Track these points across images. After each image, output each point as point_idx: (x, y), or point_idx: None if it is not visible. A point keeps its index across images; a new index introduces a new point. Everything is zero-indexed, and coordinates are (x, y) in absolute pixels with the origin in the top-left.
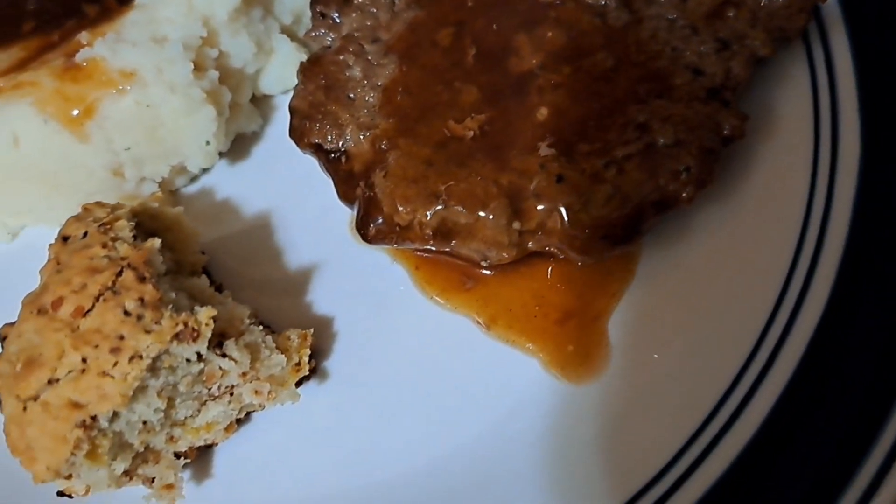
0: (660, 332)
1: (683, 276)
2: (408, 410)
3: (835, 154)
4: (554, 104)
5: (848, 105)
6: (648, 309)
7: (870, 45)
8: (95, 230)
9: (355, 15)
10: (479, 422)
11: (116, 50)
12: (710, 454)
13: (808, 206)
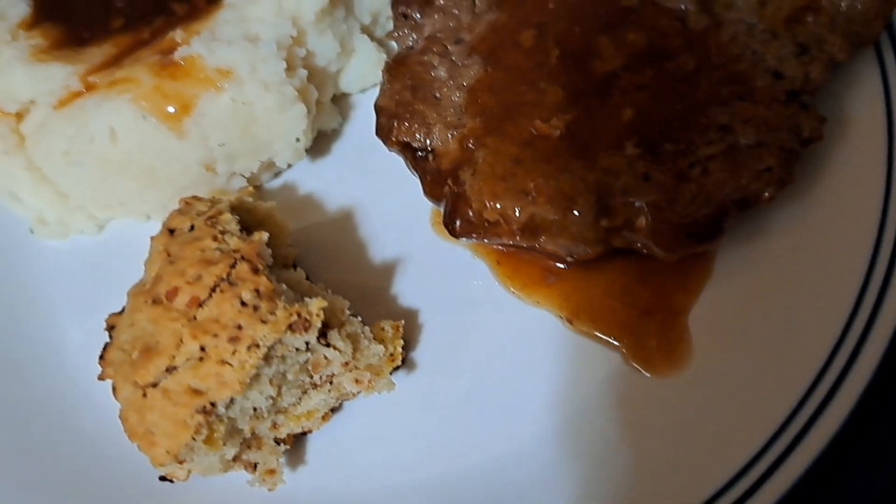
0: (740, 329)
1: (761, 273)
2: (492, 402)
3: None
4: (638, 105)
5: None
6: (728, 305)
7: None
8: (202, 223)
9: (437, 16)
10: (561, 414)
11: (213, 48)
12: (792, 451)
13: (885, 205)
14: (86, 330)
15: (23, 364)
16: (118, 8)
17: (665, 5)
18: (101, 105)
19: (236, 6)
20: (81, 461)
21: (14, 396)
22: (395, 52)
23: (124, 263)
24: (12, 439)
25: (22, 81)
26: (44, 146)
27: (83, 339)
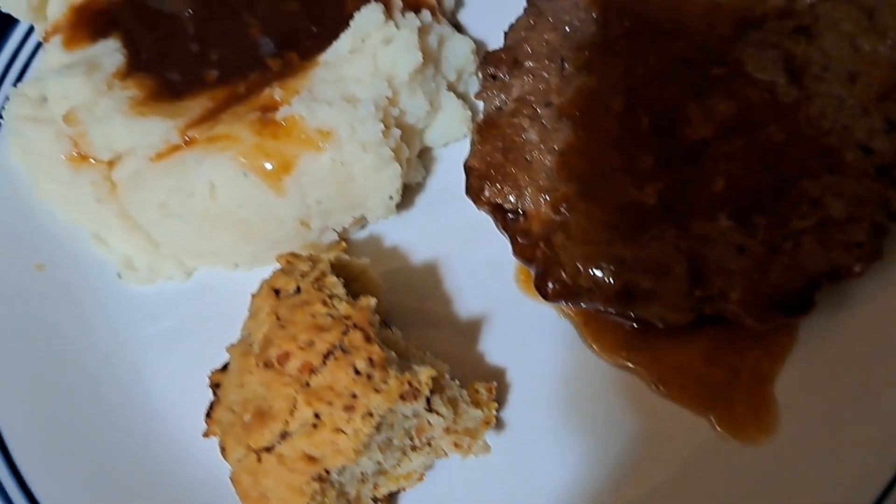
0: (827, 397)
1: (845, 342)
2: (578, 465)
3: None
4: (729, 174)
5: None
6: (813, 373)
7: None
8: (309, 286)
9: (526, 78)
10: (649, 479)
11: (313, 109)
12: None
13: None
14: (177, 379)
15: (112, 410)
16: (212, 61)
17: (755, 76)
18: (202, 160)
19: (332, 65)
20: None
21: (103, 441)
22: (484, 112)
23: (213, 312)
24: (101, 483)
25: (121, 133)
26: (139, 196)
27: (173, 388)
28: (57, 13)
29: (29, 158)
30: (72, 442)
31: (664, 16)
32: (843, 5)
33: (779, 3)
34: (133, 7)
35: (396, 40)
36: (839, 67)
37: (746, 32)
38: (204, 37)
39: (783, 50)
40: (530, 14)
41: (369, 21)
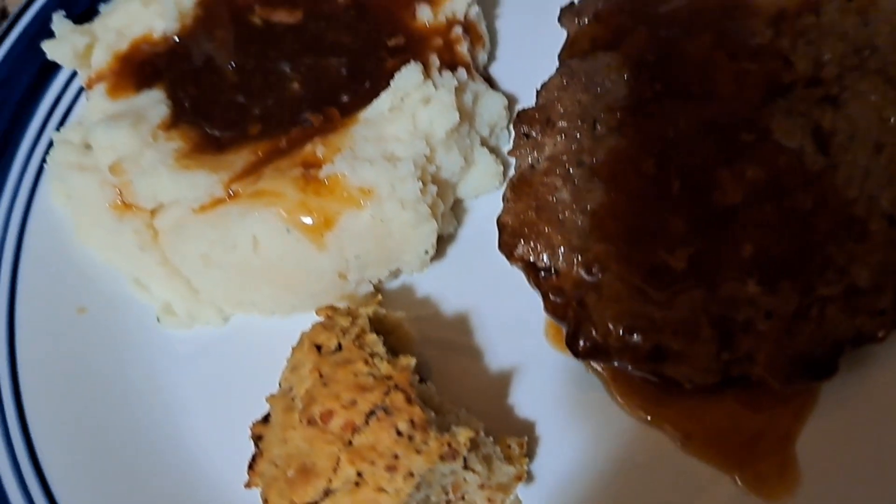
0: (847, 457)
1: (867, 403)
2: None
3: None
4: (758, 240)
5: None
6: (834, 432)
7: None
8: (350, 343)
9: (558, 137)
10: None
11: (355, 167)
12: None
13: None
14: (215, 425)
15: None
16: (255, 115)
17: (783, 143)
18: (246, 214)
19: (372, 122)
20: None
21: (142, 485)
22: (517, 170)
23: (249, 357)
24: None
25: (167, 185)
26: (181, 246)
27: (212, 433)
28: (101, 61)
29: (72, 203)
30: (112, 485)
31: (694, 79)
32: (871, 77)
33: (806, 71)
34: (177, 58)
35: (435, 100)
36: (865, 138)
37: (775, 99)
38: (247, 90)
39: (811, 118)
40: (563, 74)
41: (409, 81)
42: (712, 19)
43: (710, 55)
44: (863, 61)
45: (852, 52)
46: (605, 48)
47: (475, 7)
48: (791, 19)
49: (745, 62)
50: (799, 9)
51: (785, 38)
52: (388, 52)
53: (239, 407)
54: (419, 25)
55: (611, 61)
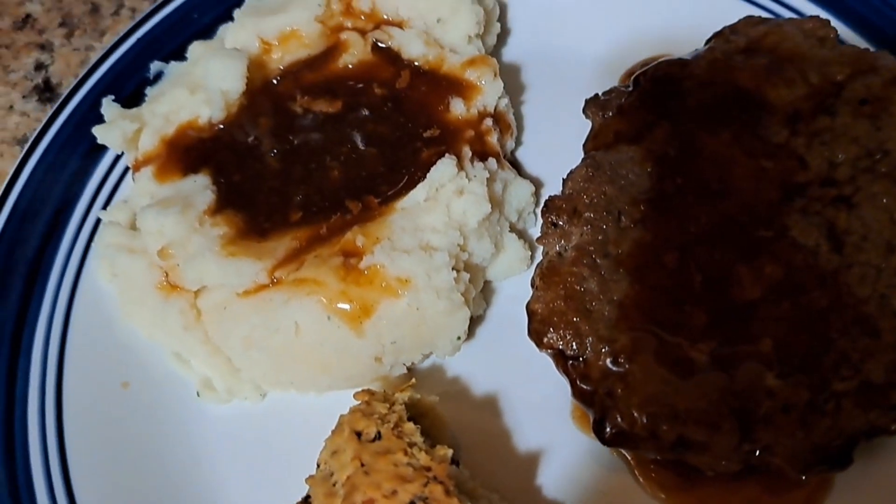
0: None
1: (879, 490)
2: None
3: None
4: (776, 335)
5: None
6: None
7: None
8: (389, 432)
9: (585, 228)
10: None
11: (394, 258)
12: None
13: None
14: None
15: None
16: (297, 202)
17: (799, 241)
18: (288, 301)
19: (409, 212)
20: None
21: None
22: (545, 258)
23: (286, 432)
24: None
25: (212, 270)
26: (224, 327)
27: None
28: (148, 145)
29: (118, 282)
30: None
31: (713, 175)
32: (883, 180)
33: (821, 171)
34: (221, 144)
35: (468, 192)
36: (878, 238)
37: (792, 197)
38: (288, 177)
39: (825, 217)
40: (588, 165)
41: (444, 174)
42: (731, 116)
43: (729, 152)
44: (874, 164)
45: (865, 155)
46: (628, 141)
47: (505, 99)
48: (806, 120)
49: (762, 160)
50: (814, 110)
51: (800, 137)
52: (423, 142)
53: (275, 482)
54: (453, 118)
55: (634, 155)
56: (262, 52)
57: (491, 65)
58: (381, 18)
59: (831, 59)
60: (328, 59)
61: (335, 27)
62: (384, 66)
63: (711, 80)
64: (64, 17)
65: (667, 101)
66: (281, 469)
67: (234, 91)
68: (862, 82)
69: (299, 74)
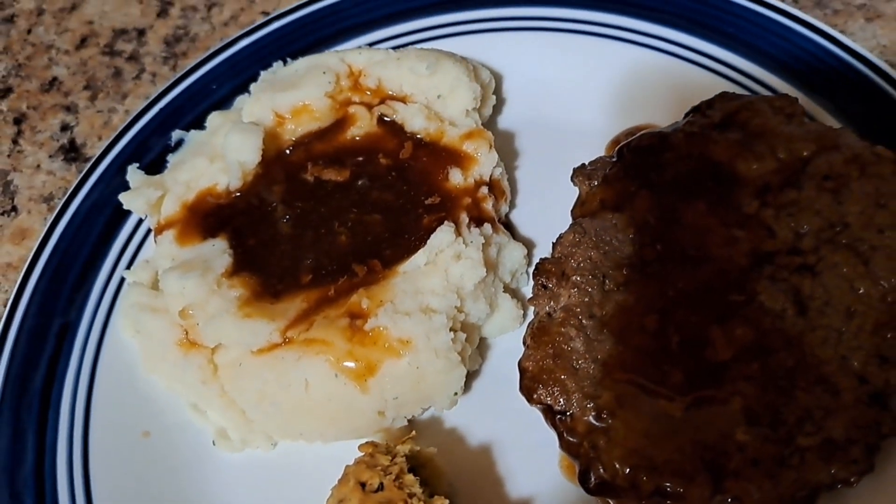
0: None
1: None
2: None
3: None
4: (746, 394)
5: None
6: None
7: None
8: (391, 483)
9: (573, 290)
10: None
11: (396, 320)
12: None
13: None
14: None
15: None
16: (307, 265)
17: (767, 305)
18: (299, 360)
19: (410, 276)
20: None
21: None
22: (536, 318)
23: (295, 478)
24: None
25: (230, 331)
26: (239, 382)
27: None
28: (170, 210)
29: (140, 338)
30: None
31: (690, 243)
32: (843, 251)
33: (788, 240)
34: (238, 210)
35: (465, 257)
36: (839, 304)
37: (761, 264)
38: (299, 241)
39: (791, 284)
40: (575, 231)
41: (442, 240)
42: (706, 187)
43: (704, 221)
44: (835, 235)
45: (827, 227)
46: (612, 209)
47: (499, 168)
48: (775, 192)
49: (734, 229)
50: (782, 183)
51: (769, 209)
52: (424, 209)
53: None
54: (451, 186)
55: (617, 222)
56: (276, 124)
57: (486, 137)
58: (386, 94)
59: (798, 136)
60: (337, 131)
61: (344, 101)
62: (389, 138)
63: (688, 153)
64: (88, 80)
65: (647, 172)
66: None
67: (251, 162)
68: (825, 159)
69: (310, 145)
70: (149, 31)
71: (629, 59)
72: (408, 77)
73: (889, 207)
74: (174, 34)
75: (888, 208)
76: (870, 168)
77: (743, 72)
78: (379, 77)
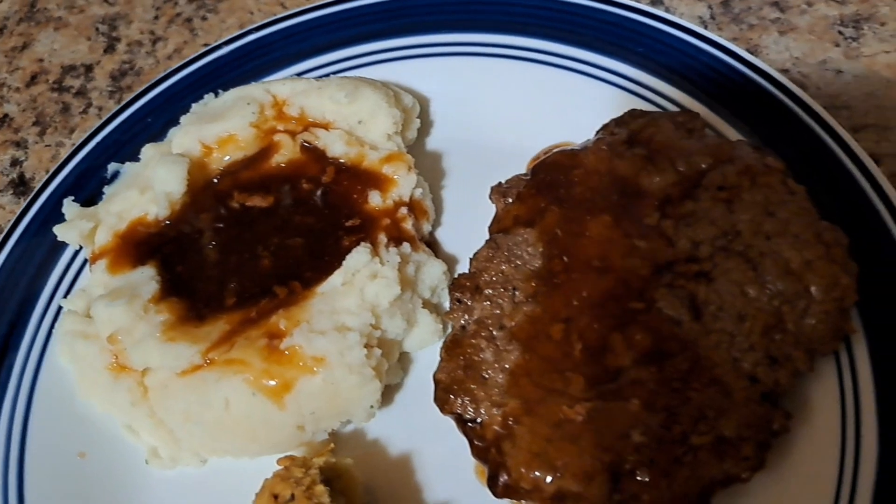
0: None
1: None
2: None
3: (858, 445)
4: (643, 398)
5: (866, 401)
6: None
7: (885, 353)
8: (301, 494)
9: (485, 303)
10: None
11: (310, 339)
12: None
13: (839, 480)
14: None
15: None
16: (231, 288)
17: (665, 312)
18: (219, 380)
19: (328, 296)
20: None
21: None
22: (451, 331)
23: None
24: None
25: (154, 354)
26: (166, 403)
27: None
28: (103, 240)
29: (76, 363)
30: None
31: (595, 255)
32: (735, 258)
33: (686, 249)
34: (167, 239)
35: (380, 276)
36: (731, 309)
37: (661, 273)
38: (224, 266)
39: (688, 291)
40: (489, 247)
41: (358, 261)
42: (611, 202)
43: (609, 233)
44: (729, 243)
45: (721, 235)
46: (524, 224)
47: (419, 189)
48: (674, 204)
49: (636, 240)
50: (681, 196)
51: (669, 220)
52: (345, 231)
53: None
54: (371, 208)
55: (528, 237)
56: (204, 154)
57: (405, 160)
58: (308, 122)
59: (696, 150)
60: (262, 158)
61: (269, 130)
62: (312, 164)
63: (596, 169)
64: (38, 116)
65: (557, 188)
66: None
67: (177, 192)
68: (720, 171)
69: (237, 173)
70: (96, 66)
71: (549, 81)
72: (329, 105)
73: (776, 215)
74: (120, 69)
75: (776, 216)
76: (760, 178)
77: (652, 89)
78: (301, 106)
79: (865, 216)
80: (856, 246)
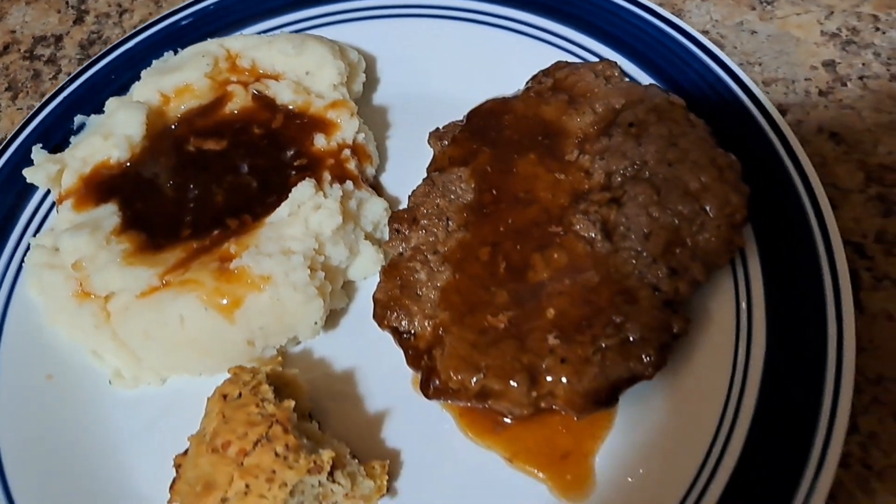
0: (631, 464)
1: (646, 424)
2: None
3: (749, 347)
4: (558, 306)
5: (758, 310)
6: (623, 447)
7: (775, 268)
8: (248, 392)
9: (421, 232)
10: None
11: (258, 260)
12: None
13: (731, 377)
14: (152, 460)
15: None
16: (187, 221)
17: (581, 234)
18: (175, 299)
19: (275, 225)
20: None
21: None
22: (389, 257)
23: (181, 409)
24: None
25: (115, 279)
26: (127, 325)
27: (150, 467)
28: (69, 182)
29: (44, 293)
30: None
31: (521, 188)
32: (641, 184)
33: (601, 180)
34: (129, 180)
35: (324, 207)
36: (638, 229)
37: (578, 201)
38: (181, 202)
39: (601, 215)
40: (427, 184)
41: (303, 193)
42: (537, 142)
43: (534, 170)
44: (637, 172)
45: (631, 166)
46: (458, 164)
47: (362, 134)
48: (591, 141)
49: (558, 174)
50: (597, 133)
51: (587, 155)
52: (292, 170)
53: (171, 446)
54: (317, 150)
55: (462, 174)
56: (162, 103)
57: (349, 107)
58: (259, 73)
59: (612, 93)
60: (217, 107)
61: (223, 81)
62: (262, 111)
63: (524, 114)
64: (10, 82)
65: (489, 132)
66: (176, 436)
67: (136, 135)
68: (631, 110)
69: (193, 121)
70: (65, 36)
71: (489, 39)
72: (278, 57)
73: (678, 145)
74: (88, 38)
75: (678, 146)
76: (665, 114)
77: (582, 45)
78: (253, 59)
79: (763, 148)
80: (756, 175)
